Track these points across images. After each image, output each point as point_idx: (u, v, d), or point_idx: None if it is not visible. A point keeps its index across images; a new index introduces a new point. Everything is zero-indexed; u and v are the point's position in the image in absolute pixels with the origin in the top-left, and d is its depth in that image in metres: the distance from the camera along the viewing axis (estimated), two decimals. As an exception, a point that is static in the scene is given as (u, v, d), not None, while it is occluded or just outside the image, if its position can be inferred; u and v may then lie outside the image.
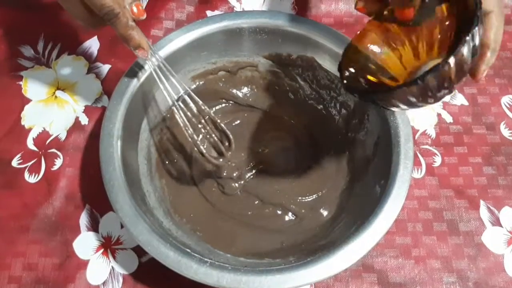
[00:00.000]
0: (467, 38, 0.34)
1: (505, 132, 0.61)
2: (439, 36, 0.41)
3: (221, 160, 0.52)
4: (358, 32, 0.45)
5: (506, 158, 0.59)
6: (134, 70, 0.52)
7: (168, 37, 0.55)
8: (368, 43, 0.45)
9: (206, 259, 0.43)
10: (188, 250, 0.44)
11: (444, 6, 0.40)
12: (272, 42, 0.58)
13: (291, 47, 0.57)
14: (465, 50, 0.34)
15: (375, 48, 0.45)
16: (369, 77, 0.44)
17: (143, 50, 0.46)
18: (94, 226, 0.54)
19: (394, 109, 0.42)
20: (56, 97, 0.62)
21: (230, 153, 0.52)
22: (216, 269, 0.42)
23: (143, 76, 0.53)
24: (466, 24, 0.36)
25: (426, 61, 0.42)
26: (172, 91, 0.50)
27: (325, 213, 0.54)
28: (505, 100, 0.63)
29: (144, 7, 0.67)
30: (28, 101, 0.62)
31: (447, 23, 0.40)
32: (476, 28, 0.34)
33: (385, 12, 0.43)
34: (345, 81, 0.44)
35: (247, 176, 0.57)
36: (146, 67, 0.52)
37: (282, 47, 0.58)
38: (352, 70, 0.44)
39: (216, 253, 0.49)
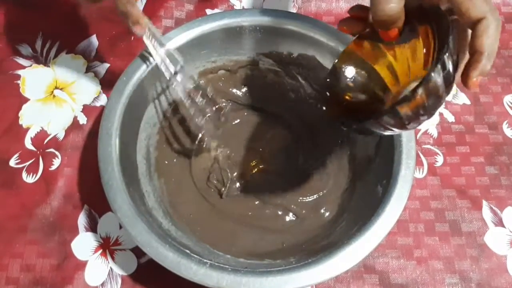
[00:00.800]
0: (437, 67, 0.33)
1: (507, 131, 0.60)
2: (423, 54, 0.40)
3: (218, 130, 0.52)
4: (341, 53, 0.45)
5: (509, 157, 0.58)
6: (133, 68, 0.52)
7: (167, 35, 0.54)
8: (352, 63, 0.44)
9: (205, 260, 0.42)
10: (188, 251, 0.43)
11: (426, 26, 0.39)
12: (272, 40, 0.57)
13: (292, 46, 0.57)
14: (434, 77, 0.33)
15: (359, 69, 0.44)
16: (349, 98, 0.44)
17: (141, 27, 0.47)
18: (92, 227, 0.53)
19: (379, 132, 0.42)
20: (54, 96, 0.61)
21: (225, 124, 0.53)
22: (216, 270, 0.41)
23: (142, 75, 0.52)
24: (442, 44, 0.35)
25: (414, 78, 0.41)
26: (170, 67, 0.50)
27: (326, 213, 0.54)
28: (507, 99, 0.62)
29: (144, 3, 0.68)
30: (26, 100, 0.61)
31: (429, 41, 0.39)
32: (446, 56, 0.33)
33: (369, 33, 0.43)
34: (324, 108, 0.44)
35: (247, 176, 0.57)
36: (147, 63, 0.52)
37: (282, 46, 0.57)
38: (334, 95, 0.44)
39: (216, 254, 0.49)
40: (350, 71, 0.45)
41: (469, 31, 0.36)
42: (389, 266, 0.52)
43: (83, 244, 0.53)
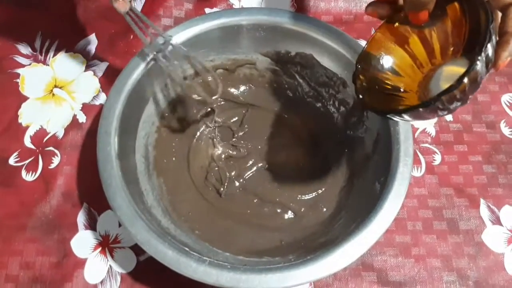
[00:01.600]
0: (480, 56, 0.34)
1: (505, 130, 0.60)
2: (452, 37, 0.40)
3: (213, 98, 0.50)
4: (370, 39, 0.44)
5: (506, 156, 0.59)
6: (132, 67, 0.52)
7: (166, 34, 0.54)
8: (382, 48, 0.44)
9: (205, 258, 0.42)
10: (187, 249, 0.43)
11: (456, 5, 0.39)
12: (270, 39, 0.57)
13: (290, 45, 0.57)
14: (479, 67, 0.34)
15: (388, 53, 0.44)
16: (385, 85, 0.44)
17: (122, 2, 0.45)
18: (91, 225, 0.54)
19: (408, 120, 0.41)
20: (53, 94, 0.61)
21: (219, 92, 0.51)
22: (215, 267, 0.42)
23: (140, 73, 0.52)
24: (477, 32, 0.36)
25: (442, 62, 0.42)
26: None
27: (324, 210, 0.54)
28: (505, 98, 0.63)
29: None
30: (25, 98, 0.61)
31: (459, 23, 0.39)
32: (489, 45, 0.34)
33: (399, 16, 0.43)
34: (361, 96, 0.43)
35: (245, 175, 0.57)
36: (146, 62, 0.52)
37: (280, 45, 0.57)
38: (364, 81, 0.44)
39: (214, 252, 0.49)
40: (379, 56, 0.44)
41: (499, 14, 0.37)
42: (387, 264, 0.52)
43: (83, 242, 0.53)
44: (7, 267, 0.51)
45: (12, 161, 0.57)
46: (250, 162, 0.58)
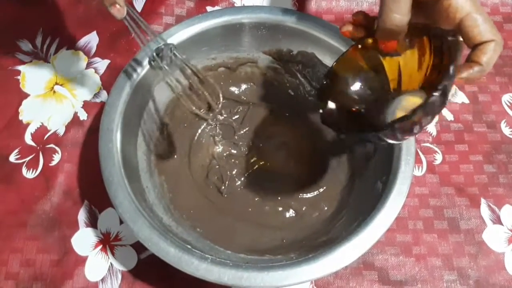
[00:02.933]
0: (438, 92, 0.35)
1: (505, 130, 0.60)
2: (416, 69, 0.41)
3: (210, 114, 0.50)
4: (340, 57, 0.45)
5: (507, 156, 0.59)
6: (134, 65, 0.52)
7: (168, 32, 0.54)
8: (350, 67, 0.45)
9: (207, 256, 0.43)
10: (189, 247, 0.43)
11: (425, 39, 0.40)
12: (272, 37, 0.57)
13: (292, 43, 0.57)
14: (436, 102, 0.35)
15: (356, 73, 0.45)
16: (349, 103, 0.45)
17: (118, 7, 0.43)
18: (92, 222, 0.54)
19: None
20: (54, 92, 0.61)
21: (219, 106, 0.49)
22: (217, 265, 0.42)
23: (142, 71, 0.52)
24: (439, 68, 0.37)
25: (404, 90, 0.42)
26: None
27: (326, 209, 0.54)
28: (505, 98, 0.63)
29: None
30: (26, 95, 0.61)
31: (425, 56, 0.40)
32: (448, 83, 0.35)
33: (369, 41, 0.43)
34: (321, 111, 0.44)
35: (246, 173, 0.57)
36: (147, 60, 0.51)
37: (282, 43, 0.57)
38: (330, 97, 0.45)
39: (216, 250, 0.49)
40: (346, 76, 0.45)
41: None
42: (388, 263, 0.52)
43: (83, 240, 0.53)
44: (8, 264, 0.51)
45: (12, 158, 0.57)
46: (252, 161, 0.58)
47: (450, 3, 0.37)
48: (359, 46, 0.44)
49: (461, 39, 0.38)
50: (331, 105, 0.45)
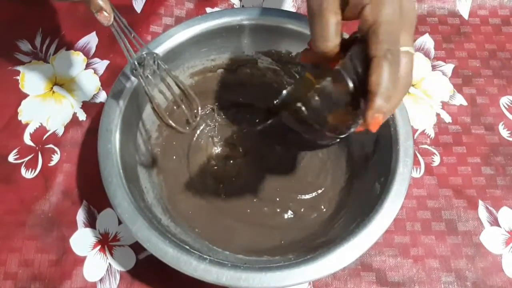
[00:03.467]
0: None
1: (503, 132, 0.61)
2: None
3: (187, 128, 0.48)
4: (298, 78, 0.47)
5: (505, 158, 0.59)
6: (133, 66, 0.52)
7: (167, 33, 0.54)
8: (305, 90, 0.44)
9: (205, 256, 0.43)
10: (187, 247, 0.44)
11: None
12: (271, 39, 0.57)
13: (291, 45, 0.57)
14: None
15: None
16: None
17: (106, 14, 0.43)
18: (91, 223, 0.54)
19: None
20: (53, 92, 0.61)
21: (197, 119, 0.48)
22: (216, 266, 0.42)
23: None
24: None
25: None
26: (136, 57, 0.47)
27: (324, 210, 0.54)
28: (503, 100, 0.63)
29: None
30: (25, 96, 0.61)
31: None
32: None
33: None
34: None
35: (245, 174, 0.57)
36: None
37: (281, 45, 0.57)
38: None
39: (214, 250, 0.49)
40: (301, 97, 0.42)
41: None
42: (386, 264, 0.52)
43: (82, 240, 0.53)
44: (6, 264, 0.51)
45: (11, 158, 0.57)
46: (250, 161, 0.58)
47: (362, 13, 0.35)
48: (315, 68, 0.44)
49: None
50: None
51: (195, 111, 0.48)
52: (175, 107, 0.54)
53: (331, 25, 0.36)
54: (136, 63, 0.47)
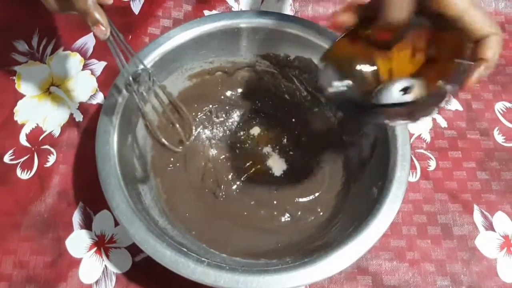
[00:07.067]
0: (442, 89, 0.37)
1: (498, 138, 0.61)
2: (410, 58, 0.42)
3: (180, 148, 0.47)
4: (332, 44, 0.44)
5: (499, 163, 0.59)
6: (131, 67, 0.52)
7: (166, 35, 0.54)
8: (343, 55, 0.44)
9: (203, 259, 0.42)
10: (185, 250, 0.43)
11: (423, 30, 0.40)
12: (270, 42, 0.57)
13: (289, 48, 0.57)
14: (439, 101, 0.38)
15: (346, 64, 0.45)
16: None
17: (102, 28, 0.43)
18: (87, 224, 0.53)
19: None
20: (50, 93, 0.61)
21: (191, 138, 0.48)
22: (214, 268, 0.42)
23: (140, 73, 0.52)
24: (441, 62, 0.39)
25: (398, 78, 0.43)
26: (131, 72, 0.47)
27: (321, 214, 0.54)
28: (498, 106, 0.64)
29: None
30: (21, 96, 0.61)
31: (420, 47, 0.41)
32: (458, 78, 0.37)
33: (362, 29, 0.43)
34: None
35: (242, 177, 0.57)
36: (145, 62, 0.51)
37: (279, 48, 0.58)
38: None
39: (211, 253, 0.49)
40: (337, 68, 0.44)
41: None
42: (382, 268, 0.53)
43: (78, 242, 0.52)
44: (1, 266, 0.51)
45: (7, 158, 0.56)
46: (247, 164, 0.58)
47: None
48: (348, 37, 0.43)
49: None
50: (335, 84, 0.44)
51: (189, 130, 0.48)
52: (170, 124, 0.53)
53: None
54: (130, 78, 0.46)
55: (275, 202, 0.55)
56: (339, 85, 0.43)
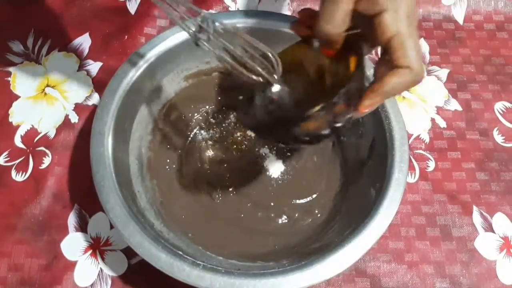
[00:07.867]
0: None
1: (498, 138, 0.61)
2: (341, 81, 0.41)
3: (274, 76, 0.43)
4: (283, 50, 0.45)
5: (499, 164, 0.59)
6: (127, 68, 0.51)
7: (162, 35, 0.54)
8: (290, 63, 0.44)
9: (198, 262, 0.42)
10: (180, 253, 0.43)
11: (353, 59, 0.40)
12: (267, 42, 0.56)
13: (286, 48, 0.57)
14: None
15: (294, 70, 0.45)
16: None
17: None
18: (82, 227, 0.53)
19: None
20: (45, 94, 0.61)
21: (279, 69, 0.43)
22: (209, 272, 0.41)
23: (135, 74, 0.52)
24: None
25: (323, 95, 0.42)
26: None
27: (318, 216, 0.54)
28: (498, 106, 0.63)
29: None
30: (16, 97, 0.60)
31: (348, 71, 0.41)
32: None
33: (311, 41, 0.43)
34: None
35: (239, 178, 0.57)
36: (141, 63, 0.50)
37: (277, 48, 0.57)
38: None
39: (208, 256, 0.49)
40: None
41: None
42: (380, 270, 0.52)
43: (73, 244, 0.52)
44: (-5, 268, 0.50)
45: (1, 160, 0.56)
46: (244, 166, 0.57)
47: (380, 20, 0.36)
48: (302, 43, 0.44)
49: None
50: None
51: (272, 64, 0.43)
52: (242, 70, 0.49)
53: (341, 10, 0.36)
54: (198, 27, 0.43)
55: (272, 203, 0.55)
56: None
